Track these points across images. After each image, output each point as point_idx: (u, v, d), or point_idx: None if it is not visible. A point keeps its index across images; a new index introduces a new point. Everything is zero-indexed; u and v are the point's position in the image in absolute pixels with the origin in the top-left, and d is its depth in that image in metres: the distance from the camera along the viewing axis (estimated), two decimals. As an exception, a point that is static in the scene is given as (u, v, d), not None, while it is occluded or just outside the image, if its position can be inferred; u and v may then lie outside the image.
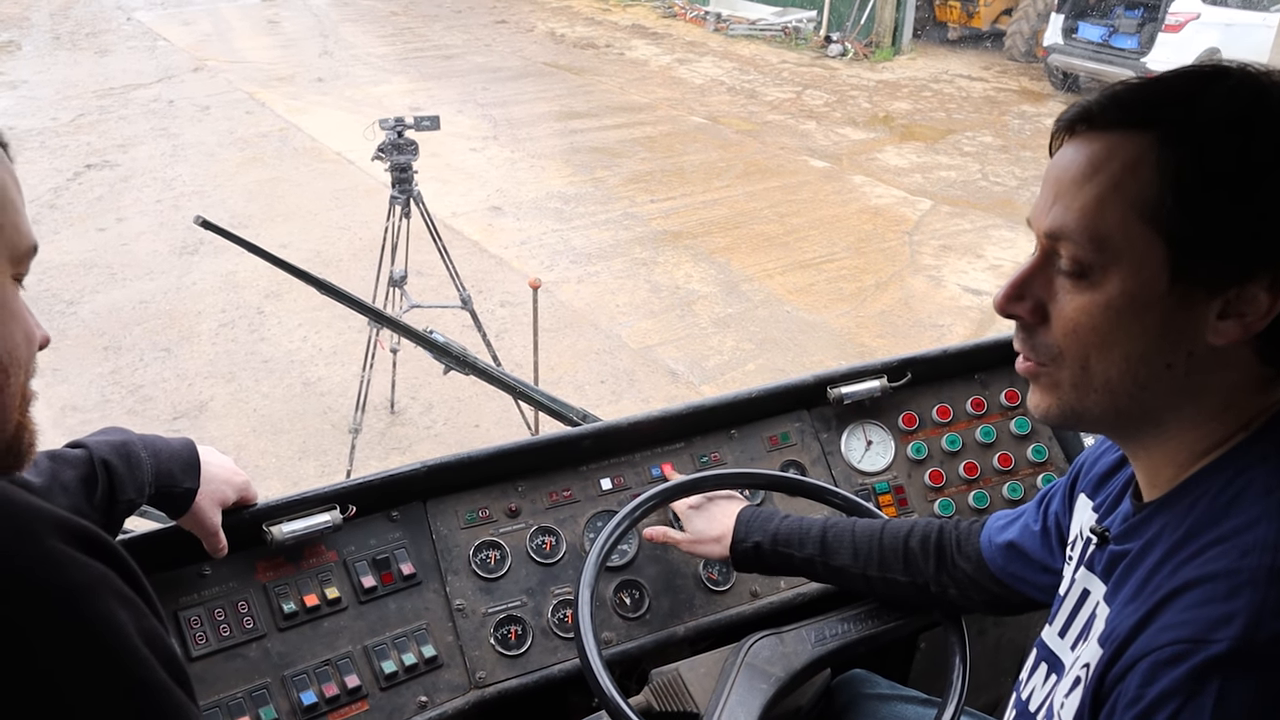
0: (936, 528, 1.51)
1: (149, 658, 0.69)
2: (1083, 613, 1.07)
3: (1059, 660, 1.11)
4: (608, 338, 6.04)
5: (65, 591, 0.66)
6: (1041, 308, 0.95)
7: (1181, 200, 0.85)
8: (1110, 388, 0.92)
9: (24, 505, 0.69)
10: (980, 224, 8.08)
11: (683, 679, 1.49)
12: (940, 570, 1.48)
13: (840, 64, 14.15)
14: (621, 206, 8.27)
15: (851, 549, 1.52)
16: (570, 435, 1.78)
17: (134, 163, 8.98)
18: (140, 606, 0.72)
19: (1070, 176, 0.92)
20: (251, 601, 1.48)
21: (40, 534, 0.68)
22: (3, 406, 0.79)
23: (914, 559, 1.49)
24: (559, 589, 1.66)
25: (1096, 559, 1.06)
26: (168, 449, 1.32)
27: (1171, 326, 0.88)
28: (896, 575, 1.50)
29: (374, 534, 1.60)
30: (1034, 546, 1.35)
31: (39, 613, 0.65)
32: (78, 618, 0.66)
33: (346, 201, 8.15)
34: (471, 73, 13.04)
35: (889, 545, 1.51)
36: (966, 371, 2.04)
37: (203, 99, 11.26)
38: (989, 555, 1.42)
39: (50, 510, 0.70)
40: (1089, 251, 0.90)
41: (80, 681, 0.65)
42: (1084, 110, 0.93)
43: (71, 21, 15.67)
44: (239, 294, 6.43)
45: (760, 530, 1.58)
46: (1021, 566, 1.38)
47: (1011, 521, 1.42)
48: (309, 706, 1.43)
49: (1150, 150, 0.87)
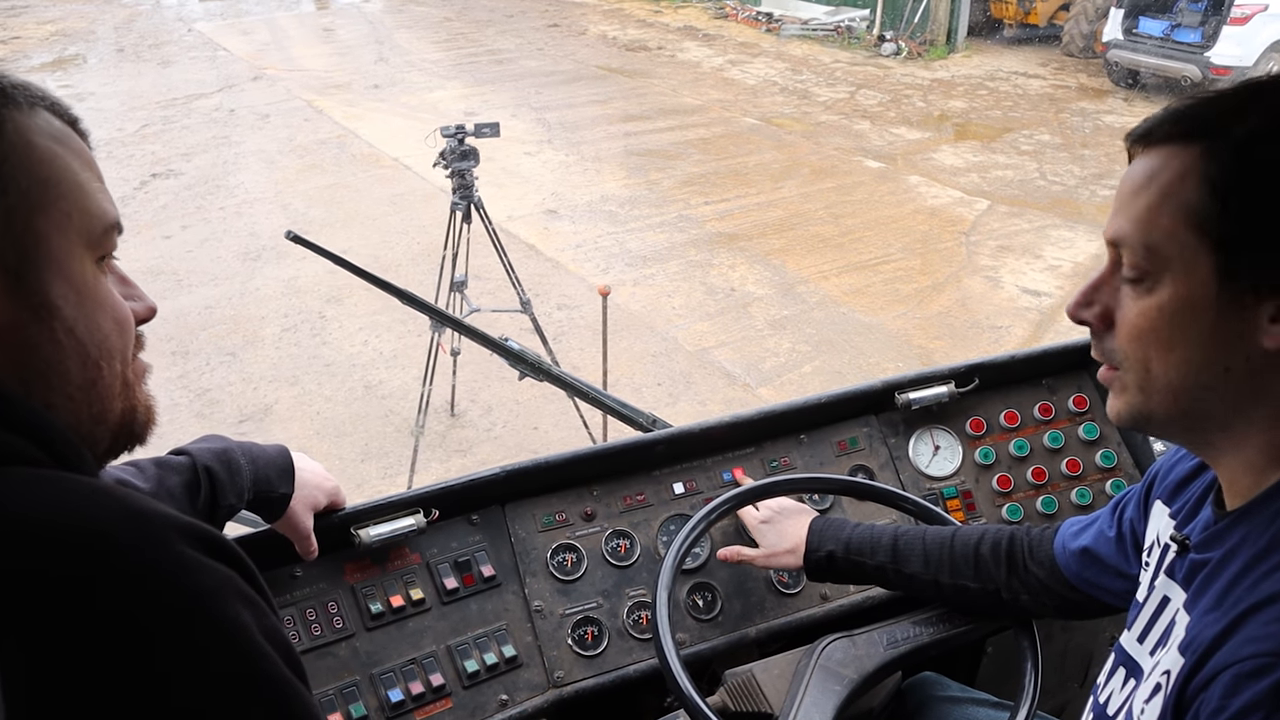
0: (1008, 534, 1.52)
1: (272, 654, 0.71)
2: (1162, 619, 1.09)
3: (1138, 666, 1.12)
4: (664, 340, 6.07)
5: (195, 596, 0.68)
6: (1109, 314, 1.00)
7: (1226, 207, 0.89)
8: (1172, 390, 0.96)
9: (152, 512, 0.70)
10: (1038, 224, 7.99)
11: (756, 680, 1.51)
12: (1012, 576, 1.49)
13: (894, 63, 14.04)
14: (676, 209, 8.30)
15: (923, 556, 1.54)
16: (643, 441, 1.81)
17: (197, 171, 9.19)
18: (261, 605, 0.73)
19: (1129, 188, 0.97)
20: (341, 602, 1.53)
21: (169, 540, 0.69)
22: (100, 400, 0.79)
23: (985, 565, 1.50)
24: (634, 591, 1.69)
25: (1177, 566, 1.07)
26: (265, 456, 1.37)
27: (1225, 331, 0.91)
28: (967, 582, 1.51)
29: (455, 537, 1.65)
30: (1109, 552, 1.36)
31: (173, 618, 0.66)
32: (207, 621, 0.68)
33: (404, 206, 8.27)
34: (525, 77, 13.15)
35: (960, 552, 1.52)
36: (1034, 377, 2.05)
37: (262, 107, 11.48)
38: (1063, 561, 1.43)
39: (175, 516, 0.71)
40: (1143, 258, 0.95)
41: (212, 682, 0.67)
42: (1147, 126, 0.98)
43: (135, 34, 16.05)
44: (301, 299, 6.56)
45: (833, 539, 1.60)
46: (1096, 572, 1.38)
47: (1085, 527, 1.42)
48: (396, 704, 1.48)
49: (1198, 161, 0.91)
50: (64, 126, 0.78)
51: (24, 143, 0.73)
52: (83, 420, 0.78)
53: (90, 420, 0.79)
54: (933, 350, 5.96)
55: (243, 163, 9.48)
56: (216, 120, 10.95)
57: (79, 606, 0.63)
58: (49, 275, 0.74)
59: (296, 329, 6.18)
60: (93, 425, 0.79)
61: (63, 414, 0.76)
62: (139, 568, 0.66)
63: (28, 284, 0.73)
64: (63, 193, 0.75)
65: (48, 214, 0.74)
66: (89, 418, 0.79)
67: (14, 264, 0.72)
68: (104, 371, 0.78)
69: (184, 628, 0.66)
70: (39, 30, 16.01)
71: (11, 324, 0.72)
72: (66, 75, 12.98)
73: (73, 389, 0.76)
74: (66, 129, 0.79)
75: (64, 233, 0.75)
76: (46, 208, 0.74)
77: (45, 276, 0.74)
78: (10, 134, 0.73)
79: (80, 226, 0.76)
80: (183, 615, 0.67)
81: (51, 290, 0.74)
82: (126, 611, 0.64)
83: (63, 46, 14.91)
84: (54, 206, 0.74)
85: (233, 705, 0.68)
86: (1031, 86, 12.81)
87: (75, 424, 0.77)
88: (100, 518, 0.67)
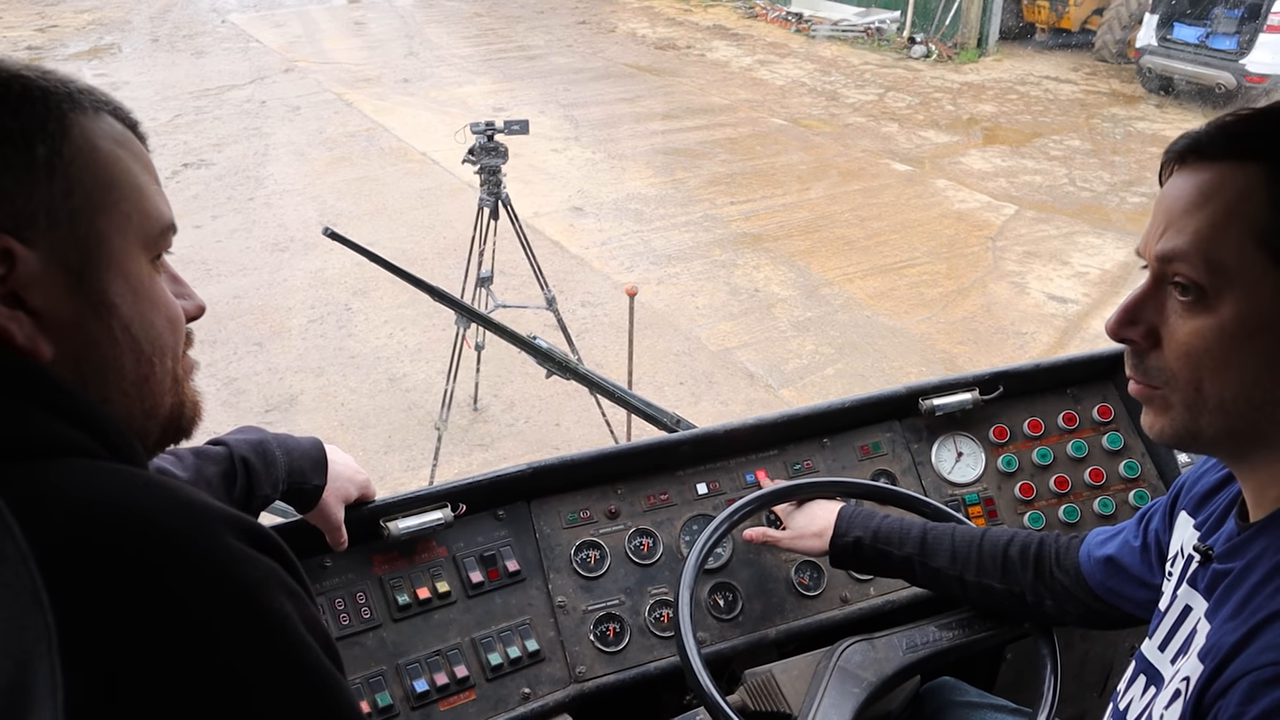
0: (1037, 539, 1.53)
1: (313, 645, 0.72)
2: (1184, 628, 1.09)
3: (1158, 673, 1.13)
4: (687, 339, 6.09)
5: (242, 587, 0.69)
6: (1154, 332, 0.99)
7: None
8: (1224, 409, 0.95)
9: (200, 504, 0.71)
10: (1066, 230, 7.94)
11: (776, 680, 1.52)
12: (1038, 581, 1.49)
13: (924, 65, 13.98)
14: (701, 208, 8.31)
15: (950, 552, 1.54)
16: (668, 441, 1.83)
17: (228, 162, 9.28)
18: (302, 596, 0.75)
19: (1181, 206, 0.95)
20: (369, 593, 1.56)
21: (218, 532, 0.70)
22: (152, 395, 0.82)
23: (1012, 568, 1.51)
24: (656, 589, 1.71)
25: (1199, 576, 1.08)
26: (299, 448, 1.40)
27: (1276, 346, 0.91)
28: (993, 582, 1.52)
29: (481, 531, 1.68)
30: (1133, 562, 1.37)
31: (222, 609, 0.68)
32: (253, 613, 0.69)
33: (431, 201, 8.32)
34: (553, 74, 13.18)
35: (988, 552, 1.53)
36: (1059, 386, 2.05)
37: (293, 99, 11.57)
38: (1088, 570, 1.44)
39: (222, 508, 0.73)
40: (1203, 275, 0.92)
41: (258, 673, 0.69)
42: (1193, 142, 0.96)
43: (169, 24, 16.19)
44: (328, 291, 6.61)
45: (861, 526, 1.61)
46: (1120, 582, 1.39)
47: (1111, 537, 1.43)
48: (421, 694, 1.50)
49: (1263, 181, 0.90)
50: (125, 130, 0.81)
51: (89, 146, 0.76)
52: (135, 414, 0.81)
53: (142, 415, 0.82)
54: (956, 355, 5.95)
55: (273, 154, 9.56)
56: (248, 111, 11.04)
57: (138, 592, 0.65)
58: (109, 275, 0.76)
59: (323, 320, 6.24)
60: (144, 419, 0.82)
61: (117, 408, 0.79)
62: (194, 558, 0.68)
63: (89, 283, 0.75)
64: (124, 195, 0.78)
65: (109, 215, 0.76)
66: (141, 412, 0.81)
67: (77, 264, 0.74)
68: (156, 368, 0.81)
69: (233, 618, 0.68)
70: (76, 19, 16.18)
71: (73, 321, 0.74)
72: (102, 64, 13.12)
73: (127, 384, 0.79)
74: (127, 132, 0.81)
75: (124, 234, 0.77)
76: (108, 209, 0.76)
77: (105, 276, 0.76)
78: (76, 138, 0.75)
79: (139, 228, 0.79)
80: (232, 606, 0.68)
81: (111, 289, 0.76)
82: (183, 600, 0.66)
83: (99, 35, 15.06)
84: (115, 208, 0.77)
85: (277, 696, 0.70)
86: (1062, 91, 12.72)
87: (128, 418, 0.80)
88: (153, 508, 0.69)
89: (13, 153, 0.71)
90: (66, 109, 0.75)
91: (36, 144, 0.72)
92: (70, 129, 0.75)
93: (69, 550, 0.64)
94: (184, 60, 13.62)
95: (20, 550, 0.62)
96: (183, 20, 16.58)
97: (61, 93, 0.76)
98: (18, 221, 0.71)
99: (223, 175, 8.88)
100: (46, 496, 0.67)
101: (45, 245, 0.72)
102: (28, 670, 0.60)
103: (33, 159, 0.72)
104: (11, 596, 0.61)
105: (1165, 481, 1.98)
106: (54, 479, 0.69)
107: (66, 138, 0.74)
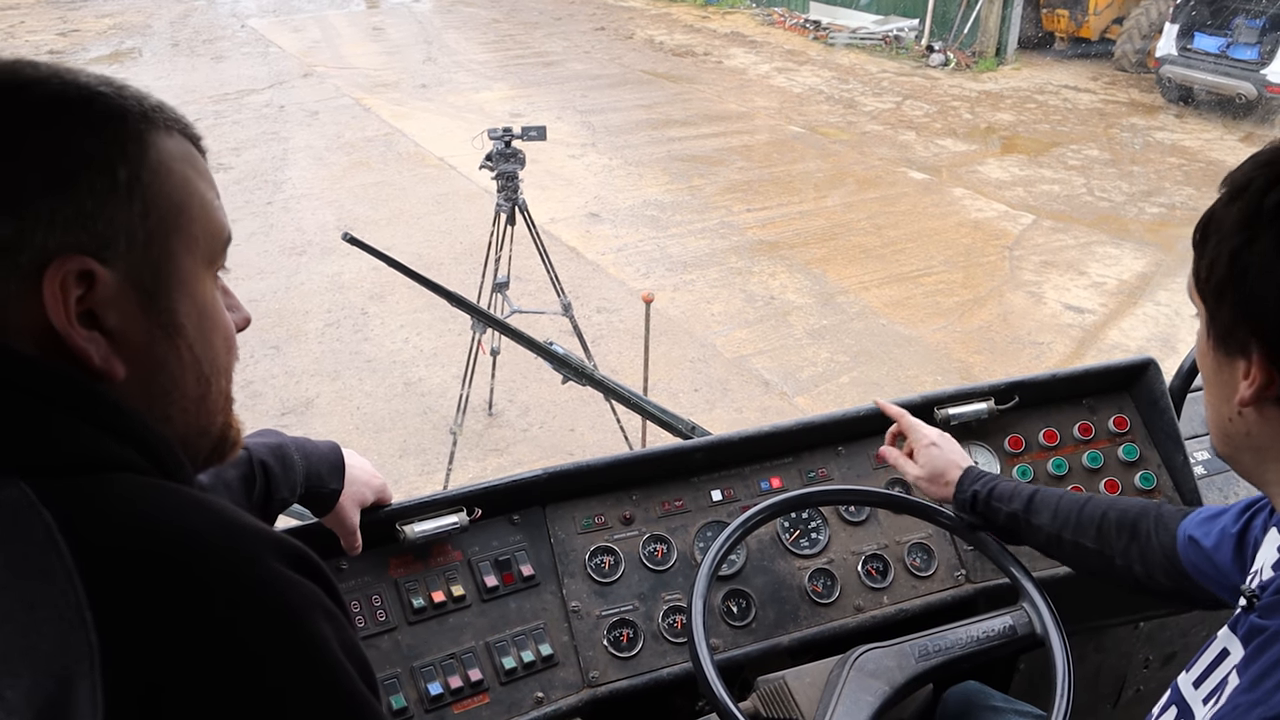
0: (1138, 506, 1.52)
1: (351, 671, 0.71)
2: (1219, 671, 1.06)
3: (1190, 710, 1.09)
4: (702, 346, 6.09)
5: (286, 612, 0.68)
6: None
7: (1211, 270, 0.95)
8: (1213, 429, 1.02)
9: (246, 525, 0.71)
10: (1084, 240, 7.92)
11: (789, 687, 1.52)
12: (1131, 546, 1.48)
13: (942, 74, 13.96)
14: (718, 215, 8.32)
15: (1053, 511, 1.56)
16: (683, 448, 1.83)
17: (246, 165, 9.35)
18: (341, 619, 0.74)
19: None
20: (384, 596, 1.57)
21: (261, 555, 0.69)
22: (208, 414, 0.83)
23: (1108, 530, 1.51)
24: (669, 595, 1.72)
25: (1240, 621, 1.05)
26: (317, 452, 1.41)
27: (1220, 380, 0.98)
28: (1087, 542, 1.52)
29: (496, 536, 1.69)
30: (1221, 554, 1.32)
31: (265, 631, 0.67)
32: (295, 637, 0.68)
33: (448, 206, 8.35)
34: (570, 80, 13.22)
35: (1088, 514, 1.54)
36: (1075, 396, 2.04)
37: (312, 104, 11.64)
38: (1181, 546, 1.41)
39: (265, 530, 0.73)
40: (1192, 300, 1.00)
41: (297, 697, 0.68)
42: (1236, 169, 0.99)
43: (189, 29, 16.31)
44: (344, 295, 6.65)
45: (979, 482, 1.64)
46: (1207, 568, 1.36)
47: (1212, 518, 1.39)
48: (435, 697, 1.51)
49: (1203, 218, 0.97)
50: (192, 147, 0.81)
51: (165, 169, 0.76)
52: (191, 431, 0.82)
53: (197, 431, 0.83)
54: (972, 364, 5.93)
55: (291, 158, 9.63)
56: (266, 116, 11.12)
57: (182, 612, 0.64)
58: (178, 295, 0.77)
59: (339, 324, 6.27)
60: (198, 436, 0.83)
61: (176, 425, 0.79)
62: (239, 579, 0.67)
63: (160, 303, 0.76)
64: (193, 216, 0.78)
65: (180, 237, 0.77)
66: (196, 429, 0.82)
67: (150, 284, 0.75)
68: (213, 387, 0.82)
69: (275, 641, 0.67)
70: (98, 24, 16.32)
71: (145, 341, 0.75)
72: (123, 68, 13.22)
73: (188, 402, 0.80)
74: (193, 149, 0.81)
75: (192, 254, 0.78)
76: (179, 231, 0.77)
77: (175, 296, 0.77)
78: (153, 160, 0.75)
79: (205, 247, 0.80)
80: (275, 629, 0.68)
81: (180, 310, 0.77)
82: (227, 621, 0.65)
83: (120, 40, 15.19)
84: (185, 230, 0.77)
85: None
86: (1081, 101, 12.68)
87: (184, 435, 0.81)
88: (200, 526, 0.69)
89: (96, 176, 0.71)
90: (144, 129, 0.75)
91: (119, 166, 0.72)
92: (148, 150, 0.75)
93: (114, 567, 0.64)
94: (203, 65, 13.72)
95: (66, 567, 0.63)
96: (203, 25, 16.69)
97: (138, 111, 0.76)
98: (98, 243, 0.71)
99: (241, 179, 8.95)
100: (94, 512, 0.67)
101: (122, 266, 0.73)
102: (70, 687, 0.60)
103: (115, 181, 0.72)
104: (56, 614, 0.62)
105: (1181, 493, 1.97)
106: (102, 494, 0.69)
107: (145, 160, 0.74)
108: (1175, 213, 8.59)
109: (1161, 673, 2.25)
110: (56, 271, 0.69)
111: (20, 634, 0.61)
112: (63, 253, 0.69)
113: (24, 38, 15.02)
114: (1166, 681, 1.16)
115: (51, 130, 0.71)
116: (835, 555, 1.82)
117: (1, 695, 0.59)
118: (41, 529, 0.64)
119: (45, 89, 0.72)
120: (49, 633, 0.61)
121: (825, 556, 1.81)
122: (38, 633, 0.61)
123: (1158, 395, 1.99)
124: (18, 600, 0.63)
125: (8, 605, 0.62)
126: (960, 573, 1.85)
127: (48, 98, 0.72)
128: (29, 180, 0.69)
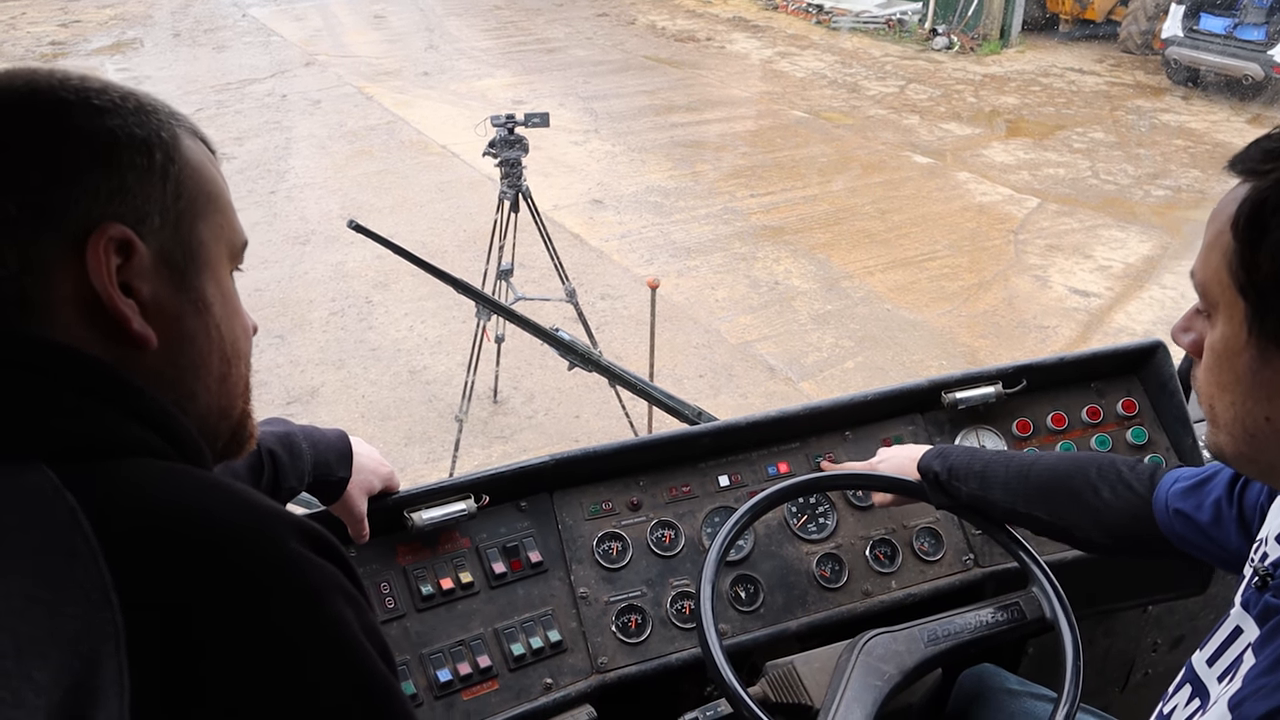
0: (1068, 463, 1.49)
1: (372, 653, 0.72)
2: (1233, 649, 1.04)
3: (1205, 689, 1.07)
4: (706, 332, 6.08)
5: (308, 593, 0.70)
6: (1199, 344, 0.97)
7: (1257, 259, 0.85)
8: (1230, 430, 0.93)
9: (266, 507, 0.73)
10: (1089, 223, 7.89)
11: (798, 672, 1.52)
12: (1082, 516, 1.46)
13: (945, 57, 13.90)
14: (721, 201, 8.30)
15: (1003, 484, 1.52)
16: (690, 434, 1.83)
17: (249, 155, 9.33)
18: (361, 602, 0.75)
19: (1209, 220, 0.94)
20: (393, 583, 1.57)
21: (283, 536, 0.71)
22: (229, 394, 0.86)
23: (1058, 499, 1.48)
24: (678, 581, 1.72)
25: (1253, 600, 1.02)
26: (325, 440, 1.41)
27: (1259, 380, 0.88)
28: (1041, 515, 1.50)
29: (504, 523, 1.68)
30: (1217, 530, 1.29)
31: (287, 611, 0.68)
32: (319, 618, 0.70)
33: (451, 194, 8.34)
34: (573, 66, 13.18)
35: (1034, 483, 1.50)
36: (1083, 380, 2.03)
37: (314, 93, 11.61)
38: (1163, 518, 1.37)
39: (286, 512, 0.74)
40: (1202, 295, 0.93)
41: (325, 678, 0.69)
42: (1233, 158, 0.93)
43: (191, 19, 16.26)
44: (348, 283, 6.65)
45: (939, 459, 1.62)
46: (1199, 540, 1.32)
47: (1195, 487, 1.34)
48: (444, 683, 1.51)
49: (1246, 205, 0.87)
50: (209, 152, 0.87)
51: (194, 160, 0.82)
52: (213, 411, 0.85)
53: (219, 412, 0.86)
54: (978, 349, 5.92)
55: (294, 147, 9.61)
56: (269, 105, 11.09)
57: (204, 593, 0.65)
58: (205, 275, 0.83)
59: (344, 313, 6.27)
60: (219, 419, 0.87)
61: (200, 404, 0.83)
62: (261, 560, 0.69)
63: (189, 280, 0.81)
64: (218, 206, 0.85)
65: (207, 222, 0.83)
66: (218, 410, 0.86)
67: (181, 262, 0.80)
68: (233, 368, 0.87)
69: (298, 621, 0.69)
70: (99, 14, 16.28)
71: (175, 315, 0.80)
72: (125, 59, 13.21)
73: (212, 380, 0.84)
74: (212, 156, 0.87)
75: (217, 241, 0.84)
76: (207, 217, 0.83)
77: (203, 276, 0.82)
78: (183, 149, 0.81)
79: (228, 239, 0.86)
80: (297, 608, 0.69)
81: (207, 289, 0.83)
82: (249, 601, 0.67)
83: (121, 30, 15.16)
84: (211, 218, 0.83)
85: (336, 700, 0.70)
86: (1086, 83, 12.62)
87: (207, 414, 0.84)
88: (220, 509, 0.70)
89: (136, 155, 0.77)
90: (173, 124, 0.82)
91: (155, 150, 0.78)
92: (179, 139, 0.81)
93: (139, 548, 0.65)
94: (205, 55, 13.68)
95: (90, 548, 0.64)
96: (204, 15, 16.64)
97: (165, 110, 0.83)
98: (137, 217, 0.76)
99: (244, 169, 8.93)
100: (117, 495, 0.68)
101: (156, 242, 0.78)
102: (95, 668, 0.61)
103: (152, 162, 0.78)
104: (82, 595, 0.62)
105: (1190, 476, 1.96)
106: (125, 478, 0.70)
107: (177, 147, 0.81)
108: (1181, 195, 8.55)
109: (1170, 656, 2.25)
110: (99, 237, 0.73)
111: (47, 616, 0.62)
112: (105, 220, 0.74)
113: (25, 29, 14.99)
114: (1175, 664, 1.15)
115: (98, 120, 0.76)
116: (843, 540, 1.82)
117: (30, 676, 0.59)
118: (65, 512, 0.65)
119: (91, 86, 0.78)
120: (75, 614, 0.62)
121: (833, 541, 1.81)
122: (64, 614, 0.62)
123: (1166, 378, 1.98)
124: (44, 582, 0.63)
125: (34, 588, 0.63)
126: (968, 557, 1.84)
127: (94, 91, 0.78)
128: (80, 157, 0.74)
